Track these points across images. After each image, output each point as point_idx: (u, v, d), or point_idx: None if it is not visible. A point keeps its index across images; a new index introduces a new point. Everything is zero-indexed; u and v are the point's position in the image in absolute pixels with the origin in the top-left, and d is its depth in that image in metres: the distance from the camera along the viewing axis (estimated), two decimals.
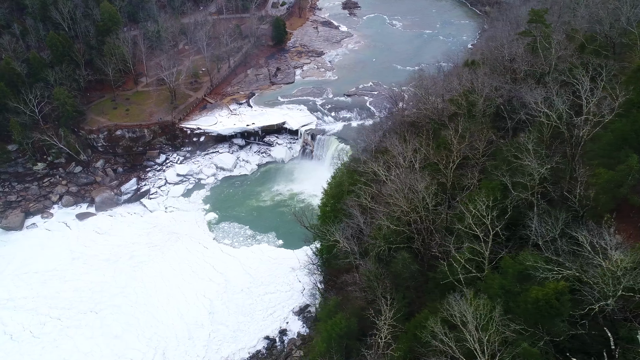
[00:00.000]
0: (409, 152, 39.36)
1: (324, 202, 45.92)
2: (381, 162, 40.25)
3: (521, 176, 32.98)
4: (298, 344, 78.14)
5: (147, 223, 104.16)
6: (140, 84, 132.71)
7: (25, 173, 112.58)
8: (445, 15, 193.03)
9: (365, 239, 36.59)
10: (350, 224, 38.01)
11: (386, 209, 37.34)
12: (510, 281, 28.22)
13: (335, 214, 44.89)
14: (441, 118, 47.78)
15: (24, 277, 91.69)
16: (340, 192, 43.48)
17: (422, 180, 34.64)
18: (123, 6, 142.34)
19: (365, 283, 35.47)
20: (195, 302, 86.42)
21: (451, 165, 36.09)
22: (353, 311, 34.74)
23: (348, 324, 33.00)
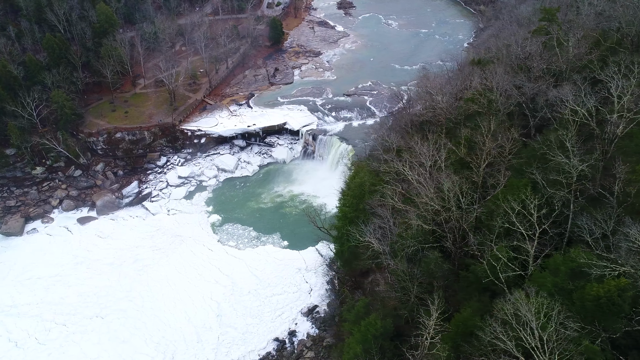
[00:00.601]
0: (433, 151, 39.25)
1: (344, 202, 45.58)
2: (406, 161, 40.13)
3: (555, 173, 33.04)
4: (308, 345, 77.93)
5: (150, 226, 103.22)
6: (138, 86, 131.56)
7: (24, 177, 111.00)
8: (440, 14, 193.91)
9: (394, 238, 36.45)
10: (380, 224, 37.84)
11: (416, 208, 37.18)
12: (563, 279, 28.24)
13: (358, 215, 44.74)
14: (457, 117, 47.82)
15: (27, 283, 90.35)
16: (362, 193, 43.29)
17: (450, 179, 34.60)
18: (119, 7, 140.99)
19: (399, 283, 35.32)
20: (202, 305, 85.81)
21: (483, 164, 36.09)
22: (386, 312, 34.60)
23: (384, 325, 32.87)
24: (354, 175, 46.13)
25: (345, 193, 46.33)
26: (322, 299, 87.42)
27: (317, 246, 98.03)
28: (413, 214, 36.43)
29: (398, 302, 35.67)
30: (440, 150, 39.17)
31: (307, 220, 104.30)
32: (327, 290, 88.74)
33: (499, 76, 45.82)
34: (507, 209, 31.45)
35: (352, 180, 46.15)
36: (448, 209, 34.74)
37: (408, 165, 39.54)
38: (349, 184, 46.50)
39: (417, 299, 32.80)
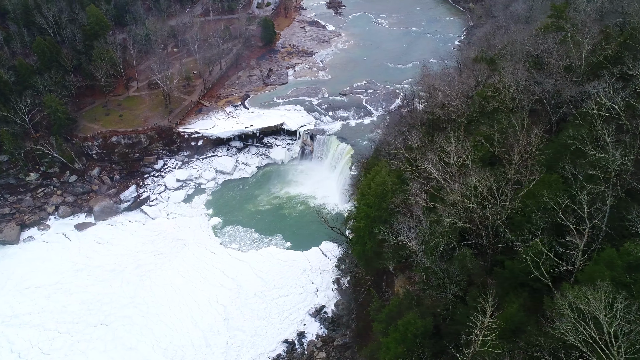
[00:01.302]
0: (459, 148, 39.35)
1: (365, 202, 45.36)
2: (433, 160, 40.17)
3: (591, 168, 33.38)
4: (319, 346, 77.70)
5: (150, 231, 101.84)
6: (131, 89, 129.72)
7: (18, 184, 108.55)
8: (430, 12, 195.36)
9: (426, 237, 36.43)
10: (414, 223, 37.82)
11: (445, 206, 37.25)
12: (620, 272, 28.56)
13: (380, 214, 44.61)
14: (472, 114, 48.07)
15: (27, 292, 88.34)
16: (384, 192, 43.21)
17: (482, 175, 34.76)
18: (109, 9, 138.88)
19: (435, 282, 35.33)
20: (208, 309, 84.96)
21: (518, 160, 36.28)
22: (422, 310, 34.59)
23: (424, 323, 32.84)
24: (374, 174, 46.01)
25: (366, 193, 46.18)
26: (328, 299, 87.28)
27: (321, 246, 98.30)
28: (445, 212, 36.56)
29: (433, 300, 35.66)
30: (466, 148, 39.32)
31: (308, 220, 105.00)
32: (334, 290, 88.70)
33: (520, 72, 46.25)
34: (553, 205, 31.68)
35: (372, 179, 45.98)
36: (483, 206, 34.87)
37: (435, 164, 39.55)
38: (368, 184, 46.29)
39: (453, 297, 32.73)
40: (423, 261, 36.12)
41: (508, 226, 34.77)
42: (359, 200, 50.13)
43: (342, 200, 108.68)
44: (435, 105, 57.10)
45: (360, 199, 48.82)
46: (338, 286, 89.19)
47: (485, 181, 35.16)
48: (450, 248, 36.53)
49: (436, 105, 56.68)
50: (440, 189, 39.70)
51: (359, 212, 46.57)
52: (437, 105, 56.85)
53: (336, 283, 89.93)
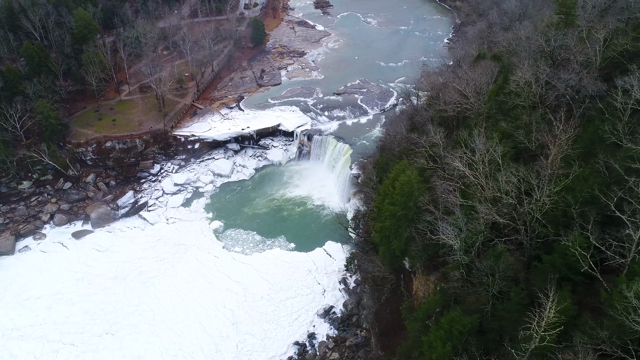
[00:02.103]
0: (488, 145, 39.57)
1: (390, 201, 45.19)
2: (464, 158, 40.25)
3: (629, 160, 33.82)
4: (331, 347, 77.46)
5: (151, 236, 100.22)
6: (122, 93, 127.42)
7: (10, 193, 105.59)
8: (417, 11, 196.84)
9: (464, 235, 36.44)
10: (451, 221, 37.87)
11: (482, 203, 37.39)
12: None
13: (407, 213, 44.52)
14: (489, 111, 48.40)
15: (27, 304, 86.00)
16: (410, 191, 43.15)
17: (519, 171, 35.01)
18: (96, 12, 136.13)
19: (478, 278, 35.41)
20: (216, 314, 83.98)
21: (558, 156, 36.54)
22: (463, 308, 34.63)
23: (471, 321, 32.84)
24: (397, 173, 45.94)
25: (389, 192, 46.08)
26: (336, 299, 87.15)
27: (325, 247, 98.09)
28: (483, 209, 36.70)
29: (477, 297, 35.72)
30: (495, 144, 39.55)
31: (309, 221, 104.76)
32: (341, 290, 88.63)
33: (542, 69, 46.77)
34: (606, 199, 32.02)
35: (394, 179, 45.88)
36: (524, 202, 35.13)
37: (464, 161, 39.67)
38: (391, 183, 46.14)
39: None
40: (462, 258, 36.28)
41: (548, 221, 34.98)
42: (379, 199, 50.02)
43: (343, 200, 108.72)
44: (447, 102, 57.41)
45: (382, 198, 48.72)
46: (345, 286, 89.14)
47: (522, 177, 35.42)
48: (483, 244, 36.76)
49: (447, 103, 57.02)
50: (471, 186, 39.86)
51: (384, 211, 46.44)
52: (448, 102, 57.19)
53: (343, 283, 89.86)
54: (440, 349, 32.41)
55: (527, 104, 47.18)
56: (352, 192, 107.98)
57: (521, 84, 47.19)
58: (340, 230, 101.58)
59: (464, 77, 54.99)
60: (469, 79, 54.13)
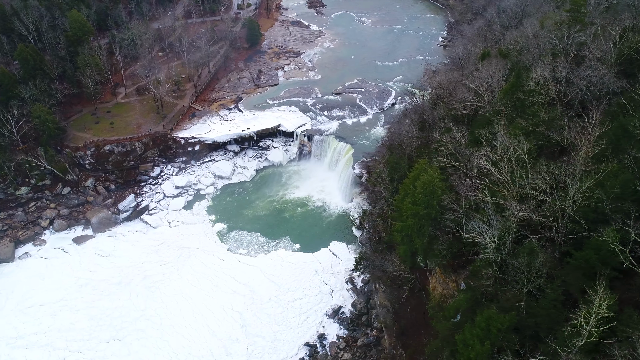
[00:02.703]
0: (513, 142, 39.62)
1: (410, 200, 45.05)
2: (489, 156, 40.24)
3: None
4: (342, 347, 77.31)
5: (153, 240, 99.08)
6: (119, 95, 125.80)
7: (7, 199, 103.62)
8: (410, 10, 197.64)
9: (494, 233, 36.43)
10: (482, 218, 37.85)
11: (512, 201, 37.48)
12: None
13: (430, 212, 44.49)
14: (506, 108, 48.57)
15: (30, 312, 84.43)
16: (433, 190, 43.13)
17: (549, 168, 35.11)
18: (90, 14, 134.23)
19: (513, 276, 35.39)
20: (224, 317, 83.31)
21: (583, 151, 36.67)
22: (500, 305, 34.65)
23: (509, 318, 32.78)
24: (418, 172, 45.85)
25: (410, 191, 45.97)
26: (344, 299, 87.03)
27: (330, 247, 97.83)
28: (513, 206, 36.77)
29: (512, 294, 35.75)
30: (521, 142, 39.66)
31: (312, 221, 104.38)
32: (348, 290, 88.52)
33: (561, 66, 47.05)
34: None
35: (415, 178, 45.78)
36: (554, 198, 35.25)
37: (491, 159, 39.72)
38: (412, 182, 46.03)
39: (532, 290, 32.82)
40: (495, 256, 36.31)
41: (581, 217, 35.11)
42: (398, 199, 49.90)
43: (345, 200, 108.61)
44: (459, 101, 57.54)
45: (402, 197, 48.60)
46: (352, 286, 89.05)
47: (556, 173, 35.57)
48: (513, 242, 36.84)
49: (460, 101, 57.15)
50: (498, 184, 39.96)
51: (404, 210, 46.34)
52: (460, 101, 57.33)
53: (350, 283, 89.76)
54: (478, 347, 32.38)
55: (546, 101, 47.46)
56: (355, 191, 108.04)
57: (541, 81, 47.47)
58: (345, 230, 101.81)
59: (477, 75, 55.19)
60: (483, 77, 54.38)
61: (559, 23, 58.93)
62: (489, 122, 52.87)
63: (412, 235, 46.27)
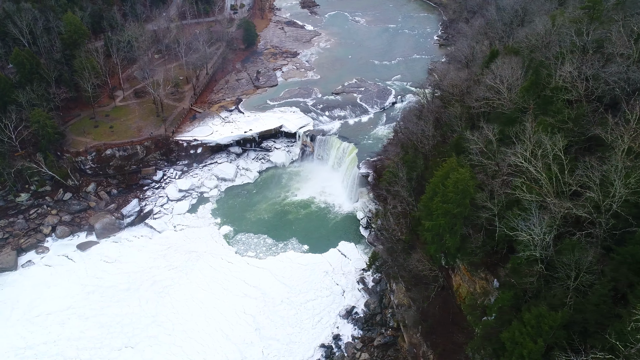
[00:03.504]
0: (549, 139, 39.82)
1: (440, 199, 45.05)
2: (526, 153, 40.36)
3: None
4: (359, 347, 77.14)
5: (160, 245, 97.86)
6: (117, 98, 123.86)
7: (7, 206, 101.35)
8: (403, 9, 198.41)
9: (537, 230, 36.59)
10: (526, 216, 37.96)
11: (554, 198, 37.69)
12: None
13: (462, 210, 44.55)
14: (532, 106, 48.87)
15: (37, 321, 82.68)
16: (465, 188, 43.22)
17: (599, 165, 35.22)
18: (84, 17, 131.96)
19: (559, 273, 35.52)
20: (237, 321, 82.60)
21: (626, 146, 36.93)
22: (548, 302, 34.73)
23: (562, 315, 32.84)
24: (447, 171, 45.89)
25: (439, 190, 46.04)
26: (357, 300, 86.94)
27: (339, 247, 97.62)
28: (557, 203, 36.95)
29: (559, 291, 35.86)
30: (557, 138, 39.87)
31: (319, 222, 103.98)
32: (360, 290, 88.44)
33: (589, 62, 47.48)
34: None
35: (444, 177, 45.81)
36: (600, 194, 35.49)
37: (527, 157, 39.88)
38: (441, 181, 46.04)
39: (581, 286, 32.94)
40: (541, 253, 36.45)
41: (627, 213, 35.42)
42: (425, 198, 49.91)
43: (351, 200, 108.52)
44: (478, 99, 57.79)
45: (430, 196, 48.61)
46: (364, 285, 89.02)
47: (602, 170, 35.87)
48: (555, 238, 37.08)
49: (479, 99, 57.41)
50: (536, 181, 40.17)
51: (435, 209, 46.35)
52: (479, 99, 57.58)
53: (361, 283, 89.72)
54: (531, 345, 32.47)
55: (572, 98, 47.92)
56: (360, 191, 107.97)
57: (569, 78, 47.90)
58: (352, 230, 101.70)
59: (497, 73, 55.51)
60: (503, 75, 54.69)
61: (575, 20, 59.64)
62: (510, 120, 53.25)
63: (443, 234, 46.37)
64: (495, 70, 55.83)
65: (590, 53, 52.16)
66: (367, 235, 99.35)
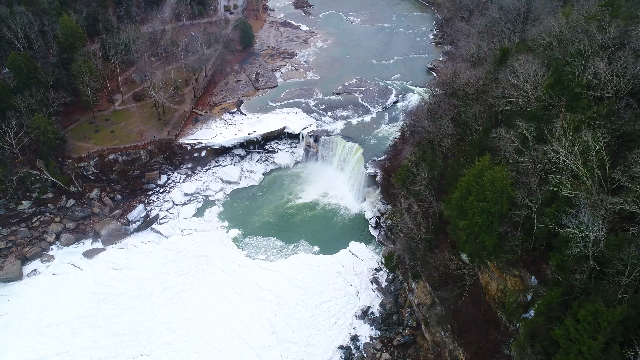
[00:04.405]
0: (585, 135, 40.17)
1: (475, 197, 45.08)
2: (567, 150, 40.54)
3: None
4: (378, 347, 76.98)
5: (168, 250, 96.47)
6: (116, 102, 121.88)
7: (9, 215, 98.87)
8: (396, 8, 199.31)
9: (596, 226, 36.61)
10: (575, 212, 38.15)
11: (600, 194, 38.05)
12: None
13: (500, 209, 44.61)
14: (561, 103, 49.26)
15: (48, 331, 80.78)
16: (502, 186, 43.33)
17: None
18: (79, 19, 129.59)
19: (617, 268, 35.76)
20: (253, 324, 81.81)
21: None
22: (603, 298, 34.84)
23: (621, 311, 32.89)
24: (480, 169, 45.95)
25: (474, 188, 46.07)
26: (371, 300, 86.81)
27: (349, 248, 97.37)
28: (607, 199, 37.27)
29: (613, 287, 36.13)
30: (597, 135, 40.23)
31: (326, 223, 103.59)
32: (374, 290, 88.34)
33: (621, 58, 47.92)
34: None
35: (478, 175, 45.86)
36: None
37: (568, 154, 40.13)
38: (474, 180, 46.05)
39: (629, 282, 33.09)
40: (592, 250, 36.63)
41: None
42: (456, 196, 49.93)
43: (358, 200, 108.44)
44: (500, 97, 58.06)
45: (462, 195, 48.60)
46: (377, 285, 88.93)
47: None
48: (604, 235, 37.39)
49: (500, 97, 57.67)
50: (577, 177, 40.48)
51: (470, 208, 46.39)
52: (501, 97, 57.88)
53: (374, 282, 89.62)
54: (589, 342, 32.58)
55: (604, 95, 48.47)
56: (367, 191, 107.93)
57: (601, 74, 48.40)
58: (361, 229, 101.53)
59: (520, 71, 55.84)
60: (527, 73, 55.03)
61: (592, 17, 60.31)
62: (535, 117, 53.60)
63: (479, 233, 46.46)
64: (518, 69, 56.14)
65: (611, 49, 52.84)
66: (377, 234, 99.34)
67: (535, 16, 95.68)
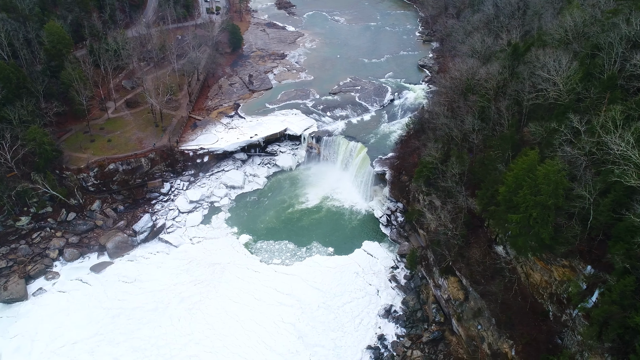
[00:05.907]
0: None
1: (527, 191, 45.47)
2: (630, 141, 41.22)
3: None
4: (407, 345, 77.10)
5: (179, 259, 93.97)
6: (108, 110, 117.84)
7: (6, 232, 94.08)
8: (379, 6, 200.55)
9: None
10: None
11: None
12: None
13: (556, 201, 45.17)
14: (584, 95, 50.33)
15: (63, 352, 77.25)
16: (558, 179, 43.86)
17: None
18: (64, 26, 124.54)
19: None
20: (277, 330, 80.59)
21: None
22: None
23: None
24: (531, 164, 46.49)
25: (525, 182, 46.57)
26: (392, 298, 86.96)
27: (364, 247, 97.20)
28: None
29: None
30: None
31: (337, 224, 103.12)
32: (394, 288, 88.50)
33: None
34: None
35: (528, 170, 46.38)
36: None
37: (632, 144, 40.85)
38: (525, 174, 46.54)
39: None
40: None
41: None
42: (504, 191, 50.36)
43: (365, 199, 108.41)
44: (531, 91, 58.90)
45: (512, 189, 49.07)
46: (397, 283, 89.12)
47: None
48: None
49: (532, 91, 58.53)
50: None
51: (522, 202, 46.86)
52: (532, 91, 58.74)
53: (393, 281, 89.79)
54: None
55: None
56: (375, 189, 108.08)
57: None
58: (372, 228, 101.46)
59: (553, 65, 56.81)
60: (556, 67, 56.04)
61: (612, 11, 62.03)
62: (567, 110, 54.66)
63: (533, 226, 47.02)
64: (551, 62, 57.13)
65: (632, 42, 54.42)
66: (390, 232, 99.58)
67: (534, 11, 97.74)
